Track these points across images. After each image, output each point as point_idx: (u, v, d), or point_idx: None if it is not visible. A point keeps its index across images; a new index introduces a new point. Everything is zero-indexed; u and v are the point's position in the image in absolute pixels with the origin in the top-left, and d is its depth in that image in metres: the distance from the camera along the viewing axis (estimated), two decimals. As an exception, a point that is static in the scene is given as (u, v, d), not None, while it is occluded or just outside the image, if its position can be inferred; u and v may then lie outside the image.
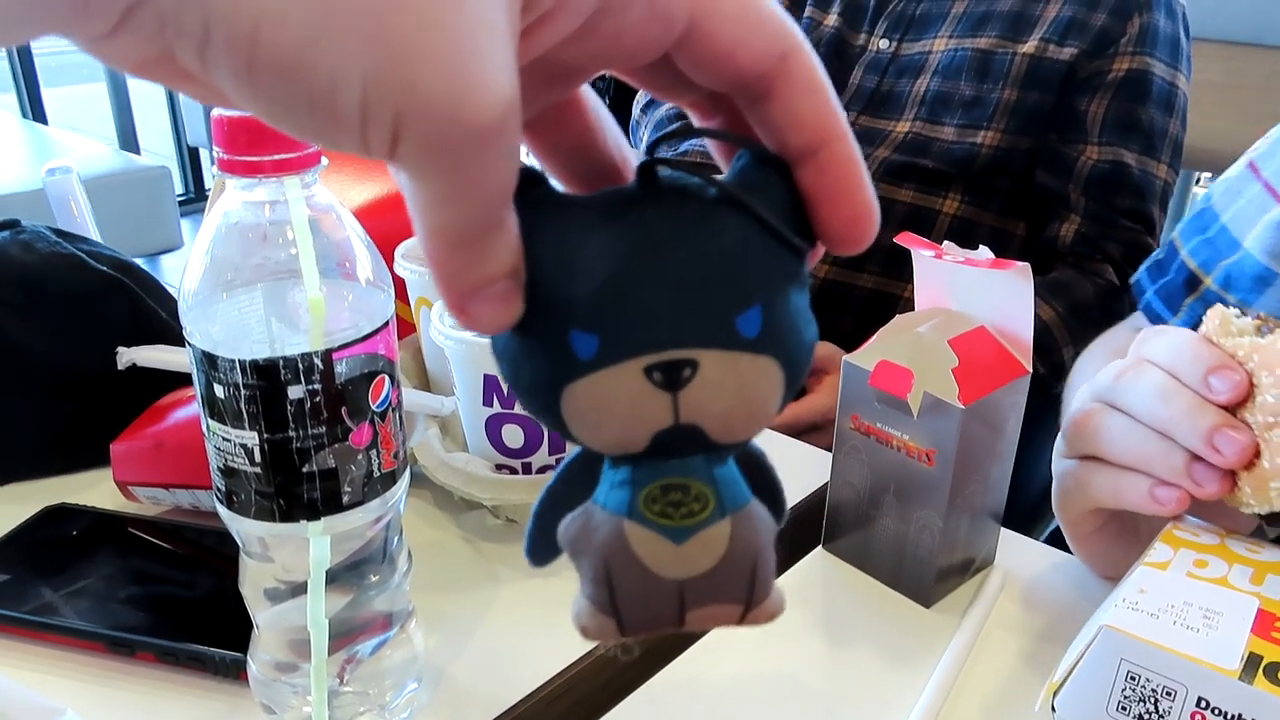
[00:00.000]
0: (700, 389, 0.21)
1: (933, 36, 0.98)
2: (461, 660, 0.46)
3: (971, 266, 0.48)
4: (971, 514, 0.50)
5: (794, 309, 0.22)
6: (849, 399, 0.51)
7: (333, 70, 0.16)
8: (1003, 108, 0.93)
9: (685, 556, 0.23)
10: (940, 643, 0.48)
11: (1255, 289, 0.60)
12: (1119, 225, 0.92)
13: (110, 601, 0.48)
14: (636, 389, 0.21)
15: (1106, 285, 0.91)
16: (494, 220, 0.19)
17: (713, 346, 0.21)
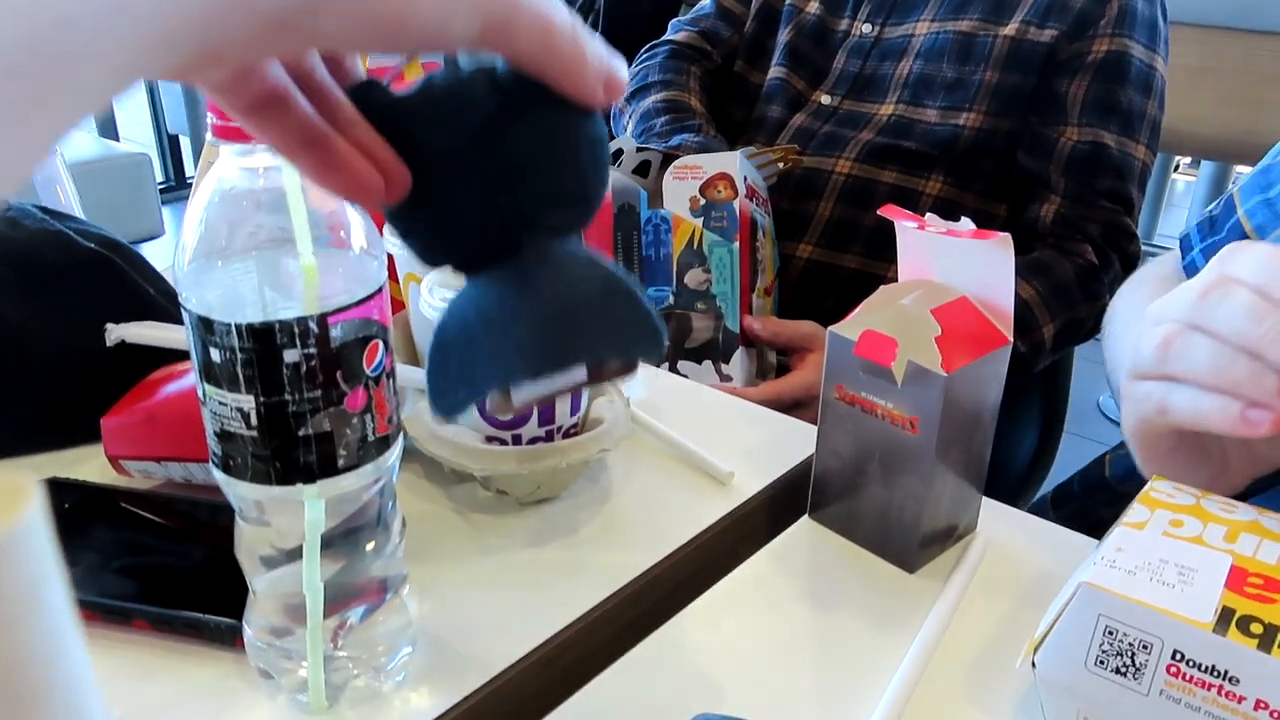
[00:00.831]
0: None
1: (915, 20, 0.99)
2: (455, 626, 0.47)
3: (953, 237, 0.49)
4: (954, 481, 0.51)
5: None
6: (834, 369, 0.51)
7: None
8: (984, 89, 0.93)
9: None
10: (924, 607, 0.49)
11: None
12: (1098, 205, 0.93)
13: (105, 572, 0.48)
14: None
15: (1086, 265, 0.92)
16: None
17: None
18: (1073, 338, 0.95)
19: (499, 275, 0.29)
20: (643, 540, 0.53)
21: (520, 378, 0.28)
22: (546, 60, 0.26)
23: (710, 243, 0.84)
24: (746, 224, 0.85)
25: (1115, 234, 0.92)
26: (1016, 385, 0.64)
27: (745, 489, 0.57)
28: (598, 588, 0.49)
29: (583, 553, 0.52)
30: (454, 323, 0.30)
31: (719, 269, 0.85)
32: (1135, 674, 0.38)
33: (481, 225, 0.29)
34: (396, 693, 0.43)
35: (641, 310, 0.30)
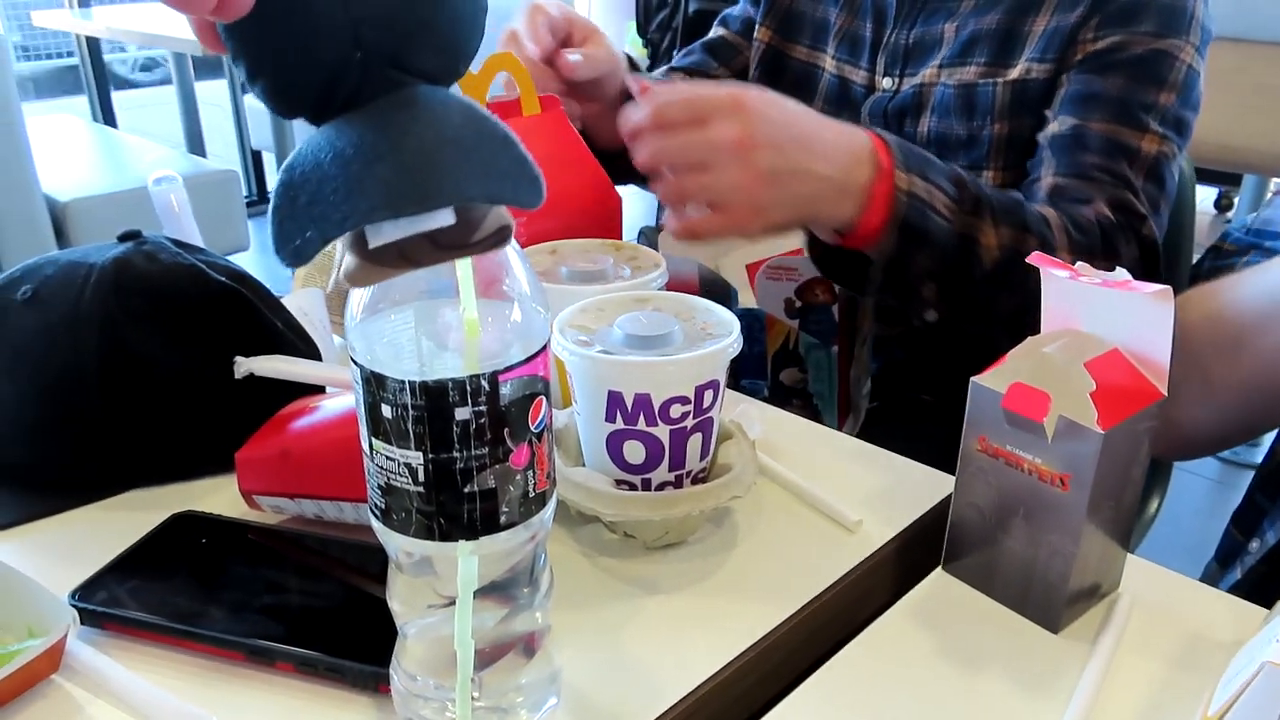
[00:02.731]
0: None
1: (926, 67, 0.89)
2: (593, 677, 0.46)
3: (1108, 288, 0.48)
4: (1103, 539, 0.49)
5: None
6: (977, 420, 0.50)
7: None
8: (997, 144, 0.85)
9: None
10: (1071, 669, 0.47)
11: None
12: (1094, 179, 0.78)
13: (245, 610, 0.49)
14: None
15: (1104, 219, 0.76)
16: None
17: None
18: None
19: (361, 116, 0.27)
20: (772, 590, 0.52)
21: (379, 215, 0.26)
22: None
23: (807, 345, 0.82)
24: (845, 327, 0.82)
25: (1122, 211, 0.77)
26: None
27: (874, 538, 0.56)
28: (730, 641, 0.48)
29: (713, 602, 0.51)
30: (305, 160, 0.27)
31: (816, 369, 0.83)
32: (1329, 762, 0.36)
33: (340, 58, 0.26)
34: (541, 746, 0.43)
35: (518, 155, 0.28)
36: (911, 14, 0.91)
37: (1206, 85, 0.84)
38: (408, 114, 0.26)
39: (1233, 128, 1.78)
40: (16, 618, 0.47)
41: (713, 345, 0.51)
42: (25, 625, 0.47)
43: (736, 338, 0.52)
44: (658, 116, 0.63)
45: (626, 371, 0.50)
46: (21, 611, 0.47)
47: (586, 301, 0.56)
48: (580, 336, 0.53)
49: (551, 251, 0.66)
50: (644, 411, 0.51)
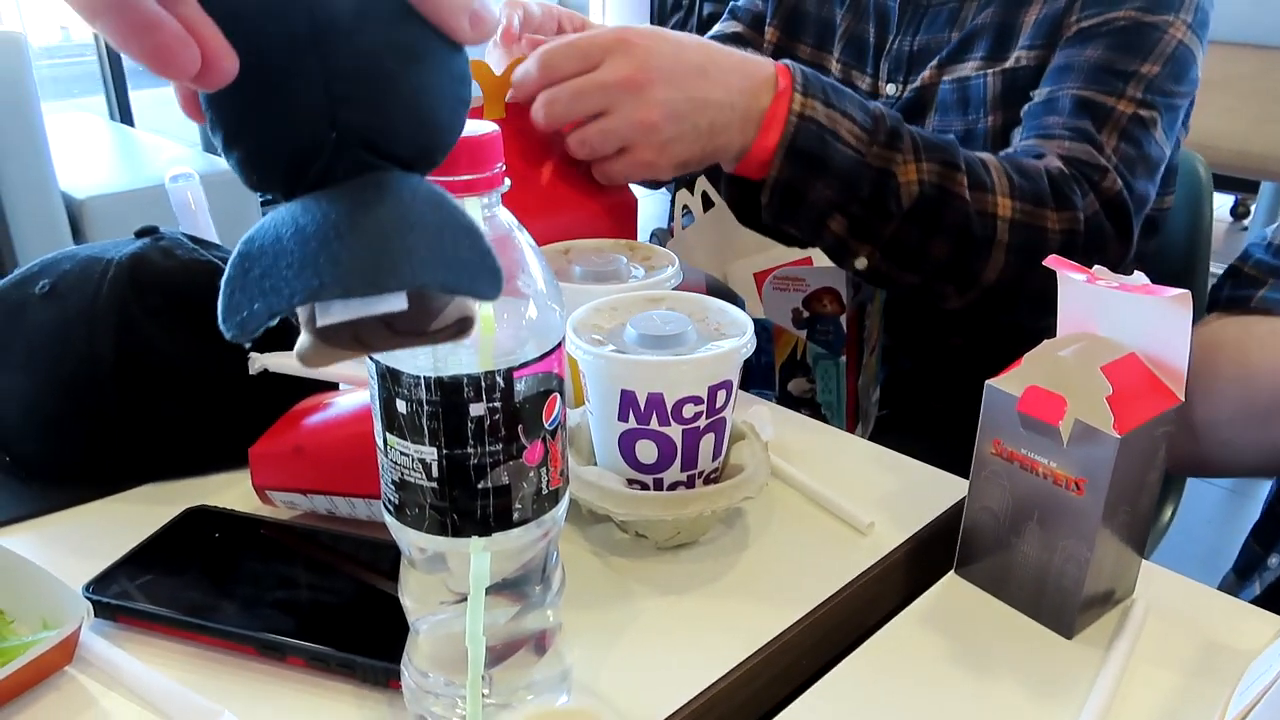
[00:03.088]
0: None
1: (926, 69, 0.89)
2: (603, 676, 0.46)
3: (1125, 292, 0.47)
4: (1118, 544, 0.49)
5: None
6: (991, 423, 0.50)
7: None
8: (992, 136, 0.84)
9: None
10: (1085, 675, 0.47)
11: None
12: (1055, 138, 0.76)
13: (258, 605, 0.49)
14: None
15: (1055, 170, 0.73)
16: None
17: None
18: (1034, 246, 0.71)
19: (328, 195, 0.26)
20: (783, 592, 0.52)
21: (329, 293, 0.25)
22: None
23: (815, 355, 0.81)
24: (854, 336, 0.82)
25: (1076, 163, 0.74)
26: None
27: (886, 540, 0.56)
28: (740, 642, 0.48)
29: (723, 604, 0.51)
30: (265, 233, 0.26)
31: (824, 379, 0.83)
32: (1347, 771, 0.36)
33: (315, 137, 0.26)
34: (551, 744, 0.43)
35: (481, 247, 0.27)
36: (915, 20, 0.90)
37: (1224, 91, 0.84)
38: (374, 195, 0.26)
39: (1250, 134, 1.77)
40: (31, 610, 0.47)
41: (726, 345, 0.51)
42: (40, 617, 0.47)
43: (750, 338, 0.52)
44: (545, 67, 0.62)
45: (640, 371, 0.50)
46: (36, 603, 0.47)
47: (600, 301, 0.56)
48: (594, 335, 0.53)
49: (565, 251, 0.66)
50: (657, 411, 0.50)
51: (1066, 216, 0.72)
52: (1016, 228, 0.71)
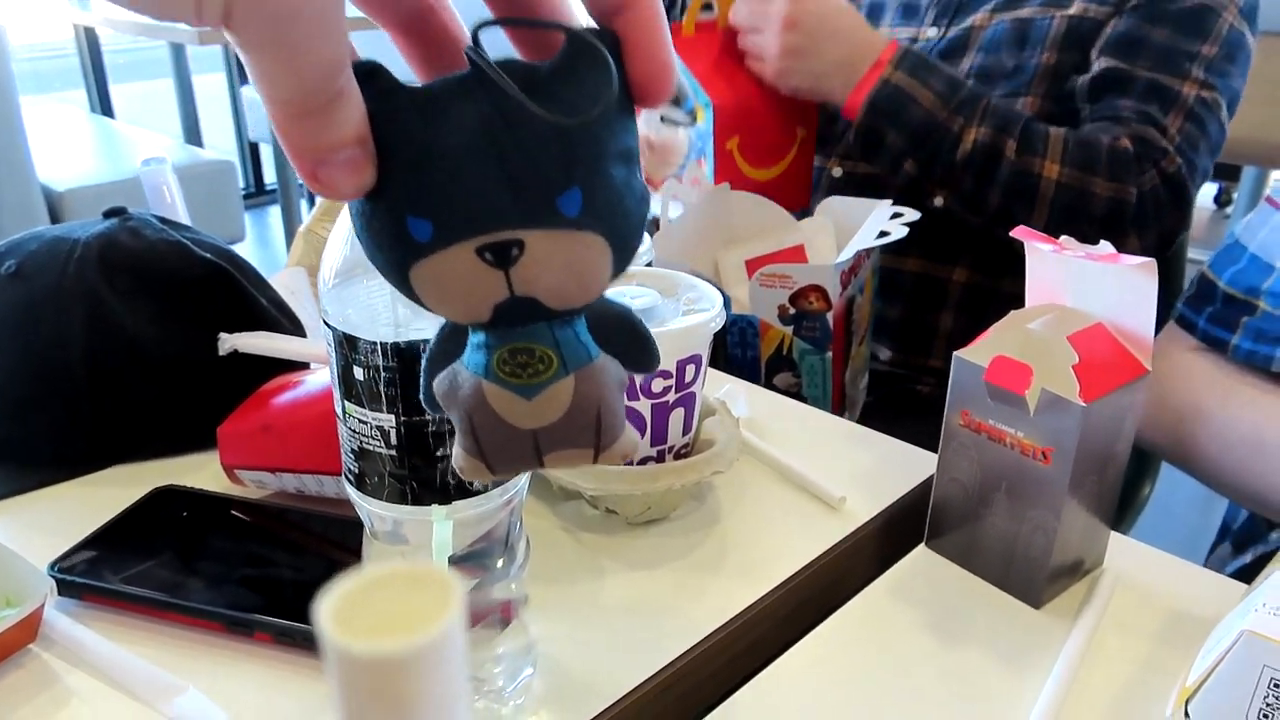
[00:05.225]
0: (530, 265, 0.23)
1: (976, 12, 0.98)
2: (572, 650, 0.46)
3: (1092, 261, 0.47)
4: (1085, 515, 0.49)
5: (616, 184, 0.24)
6: (960, 394, 0.50)
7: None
8: (1042, 72, 0.92)
9: (535, 410, 0.26)
10: (1052, 644, 0.47)
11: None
12: (1123, 120, 0.88)
13: (225, 582, 0.49)
14: (471, 268, 0.23)
15: (1119, 146, 0.85)
16: (330, 91, 0.21)
17: (537, 227, 0.23)
18: (1078, 206, 0.85)
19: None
20: (754, 566, 0.52)
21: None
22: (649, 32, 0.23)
23: (801, 350, 0.82)
24: (841, 332, 0.82)
25: (1142, 144, 0.85)
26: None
27: (858, 515, 0.56)
28: (711, 614, 0.48)
29: (695, 577, 0.51)
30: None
31: (810, 375, 0.83)
32: (1305, 730, 0.36)
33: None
34: (516, 716, 0.43)
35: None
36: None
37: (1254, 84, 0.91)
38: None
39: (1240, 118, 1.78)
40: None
41: (695, 319, 0.51)
42: (3, 595, 0.47)
43: (720, 312, 0.52)
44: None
45: (608, 345, 0.50)
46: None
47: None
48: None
49: None
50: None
51: (1116, 187, 0.85)
52: (1062, 188, 0.85)
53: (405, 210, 0.23)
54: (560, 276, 0.24)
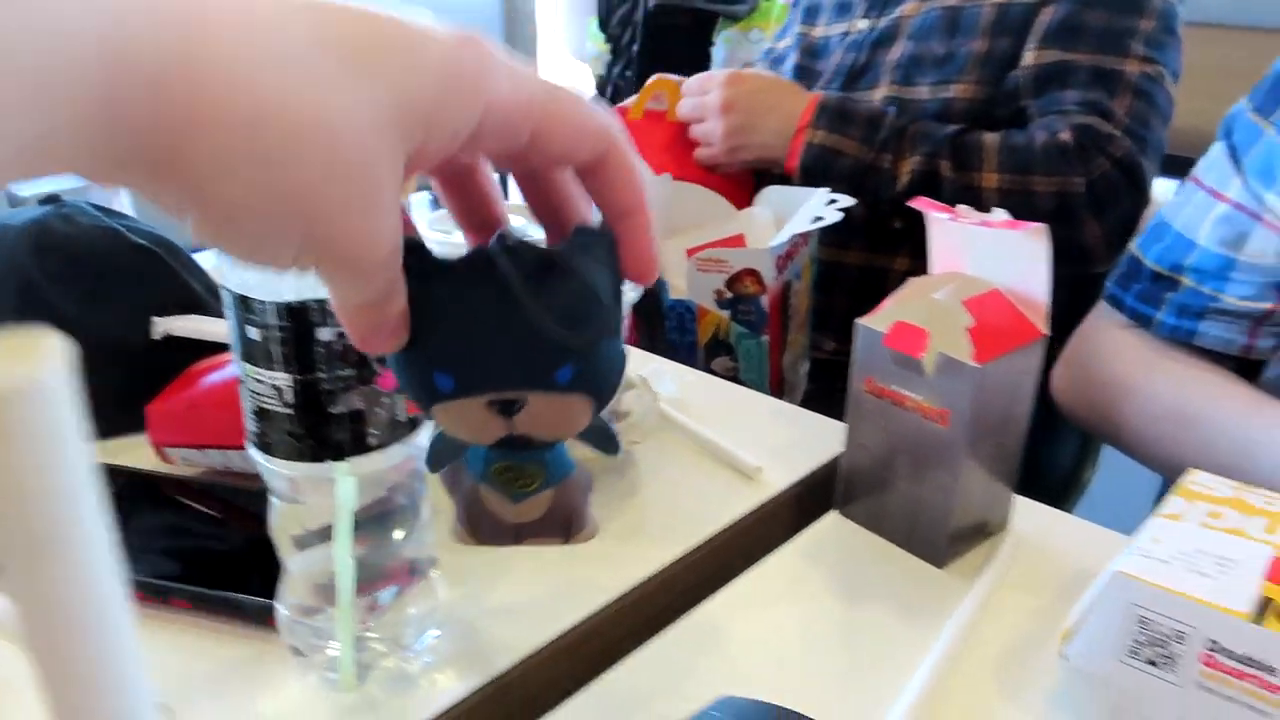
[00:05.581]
0: (527, 416, 0.30)
1: (905, 2, 1.01)
2: (483, 612, 0.47)
3: (985, 228, 0.49)
4: (985, 476, 0.51)
5: (602, 358, 0.30)
6: (864, 362, 0.51)
7: (279, 253, 0.24)
8: (973, 59, 0.94)
9: (519, 511, 0.34)
10: (954, 601, 0.48)
11: (1221, 275, 0.69)
12: (1067, 112, 0.90)
13: (146, 553, 0.49)
14: (482, 414, 0.30)
15: (1054, 141, 0.88)
16: (386, 293, 0.27)
17: (536, 390, 0.30)
18: (1023, 206, 0.87)
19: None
20: (670, 533, 0.53)
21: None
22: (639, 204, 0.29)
23: (738, 334, 0.83)
24: (777, 315, 0.84)
25: (1088, 134, 0.88)
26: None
27: (774, 484, 0.57)
28: (625, 577, 0.49)
29: (610, 544, 0.52)
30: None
31: (747, 359, 0.84)
32: (1169, 664, 0.37)
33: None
34: (424, 674, 0.44)
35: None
36: None
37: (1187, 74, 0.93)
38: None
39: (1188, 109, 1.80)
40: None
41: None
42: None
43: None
44: (686, 87, 0.97)
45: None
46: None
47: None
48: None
49: None
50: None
51: (1058, 181, 0.87)
52: (1005, 194, 0.88)
53: (433, 367, 0.30)
54: (551, 424, 0.31)
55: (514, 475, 0.34)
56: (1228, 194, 0.70)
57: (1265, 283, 0.68)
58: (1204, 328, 0.71)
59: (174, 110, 0.21)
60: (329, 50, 0.22)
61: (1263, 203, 0.68)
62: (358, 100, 0.22)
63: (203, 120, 0.21)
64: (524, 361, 0.29)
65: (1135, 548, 0.40)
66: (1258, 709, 0.36)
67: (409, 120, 0.23)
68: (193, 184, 0.22)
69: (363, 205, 0.23)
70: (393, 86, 0.23)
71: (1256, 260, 0.68)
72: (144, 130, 0.21)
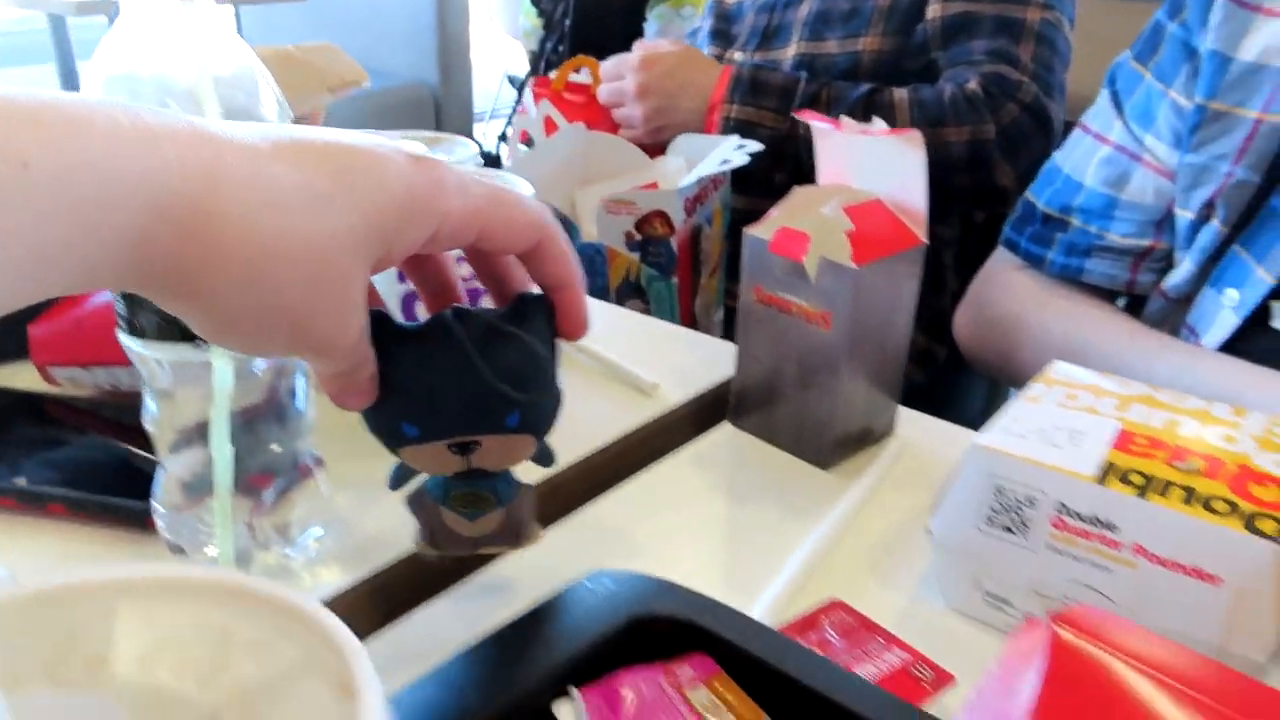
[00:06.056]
0: (482, 454, 0.36)
1: None
2: (370, 515, 0.47)
3: (865, 136, 0.50)
4: (868, 381, 0.52)
5: (543, 406, 0.37)
6: (752, 270, 0.52)
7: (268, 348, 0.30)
8: (879, 12, 0.98)
9: (476, 527, 0.39)
10: (837, 499, 0.50)
11: (1105, 215, 0.72)
12: (975, 62, 0.94)
13: (25, 463, 0.48)
14: (443, 455, 0.36)
15: (963, 91, 0.92)
16: (357, 366, 0.32)
17: (489, 434, 0.36)
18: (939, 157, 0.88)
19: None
20: (565, 443, 0.53)
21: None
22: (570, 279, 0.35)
23: (648, 276, 0.84)
24: (687, 258, 0.85)
25: (997, 82, 0.92)
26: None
27: (670, 400, 0.58)
28: (517, 483, 0.50)
29: (505, 454, 0.53)
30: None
31: (658, 301, 0.85)
32: (1023, 529, 0.39)
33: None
34: (307, 568, 0.44)
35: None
36: None
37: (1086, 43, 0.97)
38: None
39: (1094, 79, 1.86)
40: None
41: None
42: None
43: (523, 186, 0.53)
44: (603, 72, 1.01)
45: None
46: None
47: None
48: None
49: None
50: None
51: (970, 129, 0.91)
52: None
53: (401, 419, 0.35)
54: (501, 459, 0.37)
55: (470, 499, 0.38)
56: (1110, 137, 0.73)
57: (1145, 221, 0.72)
58: (1090, 265, 0.74)
59: (195, 250, 0.26)
60: (314, 189, 0.27)
61: (1142, 144, 0.71)
62: (336, 228, 0.27)
63: (217, 258, 0.26)
64: (478, 412, 0.35)
65: (995, 424, 0.41)
66: (1101, 565, 0.38)
67: (376, 238, 0.29)
68: (204, 302, 0.27)
69: (338, 309, 0.29)
70: (365, 214, 0.28)
71: (1137, 199, 0.71)
72: (169, 264, 0.26)
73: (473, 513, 0.38)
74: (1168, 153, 0.69)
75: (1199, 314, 0.68)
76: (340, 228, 0.27)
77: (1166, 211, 0.70)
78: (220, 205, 0.26)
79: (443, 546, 0.39)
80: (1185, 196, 0.68)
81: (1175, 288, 0.70)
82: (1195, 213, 0.67)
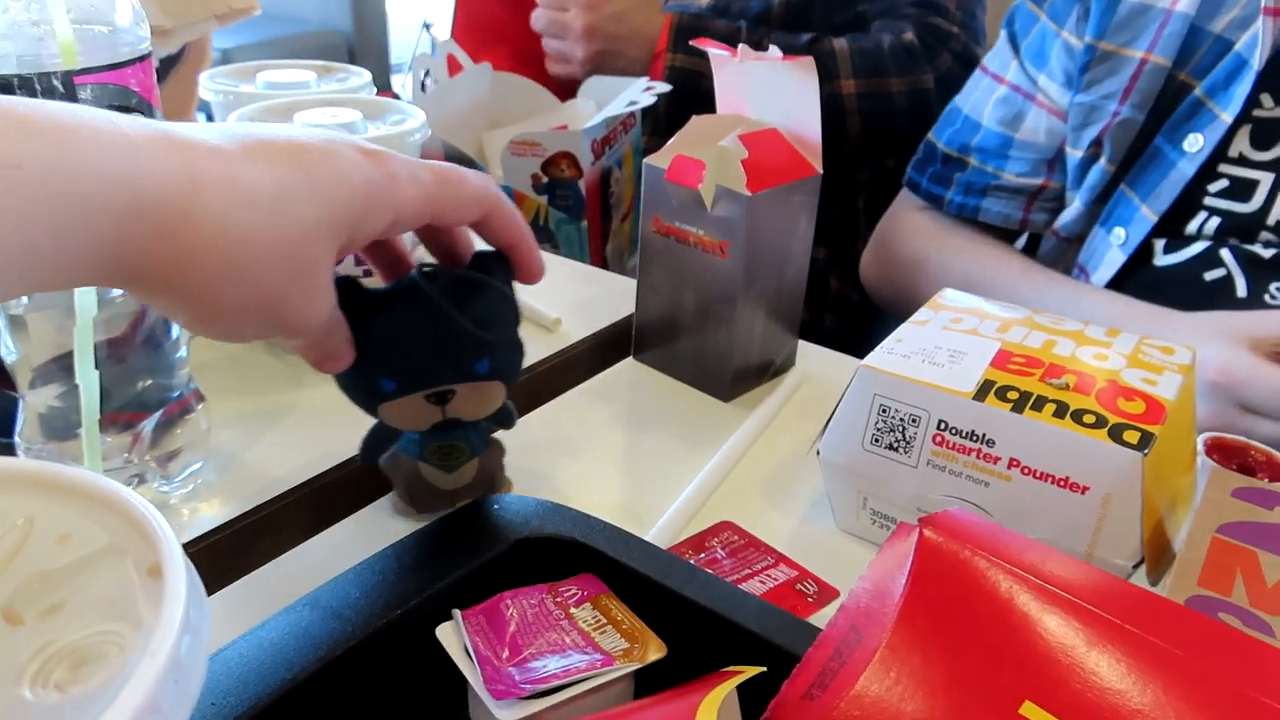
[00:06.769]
0: (457, 402, 0.38)
1: None
2: (255, 449, 0.46)
3: (759, 62, 0.50)
4: (766, 313, 0.52)
5: (510, 349, 0.39)
6: (650, 201, 0.52)
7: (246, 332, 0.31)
8: None
9: (453, 479, 0.41)
10: (734, 427, 0.50)
11: (1001, 154, 0.74)
12: (903, 15, 0.95)
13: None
14: (420, 406, 0.38)
15: (902, 41, 0.93)
16: (329, 334, 0.34)
17: (462, 382, 0.38)
18: (883, 108, 0.93)
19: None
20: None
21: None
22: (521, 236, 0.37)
23: (557, 220, 0.83)
24: (596, 201, 0.84)
25: (933, 32, 0.94)
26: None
27: (571, 335, 0.57)
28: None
29: (400, 389, 0.51)
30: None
31: (568, 245, 0.84)
32: (905, 448, 0.40)
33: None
34: (185, 503, 0.42)
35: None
36: None
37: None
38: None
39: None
40: None
41: (391, 130, 0.51)
42: None
43: (422, 124, 0.52)
44: (542, 3, 0.97)
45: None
46: None
47: (274, 101, 0.55)
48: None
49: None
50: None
51: (910, 79, 0.92)
52: (863, 98, 0.92)
53: (378, 375, 0.37)
54: (474, 407, 0.39)
55: (446, 451, 0.40)
56: (1006, 77, 0.74)
57: (1038, 160, 0.73)
58: (986, 204, 0.75)
59: (175, 248, 0.27)
60: (283, 186, 0.29)
61: (1036, 84, 0.72)
62: (305, 221, 0.30)
63: (196, 255, 0.28)
64: (450, 361, 0.37)
65: (881, 347, 0.42)
66: (979, 480, 0.38)
67: (341, 227, 0.31)
68: (185, 296, 0.29)
69: (310, 293, 0.31)
70: (332, 208, 0.30)
71: (1030, 139, 0.73)
72: (149, 261, 0.27)
73: (450, 464, 0.40)
74: (1059, 92, 0.70)
75: (1089, 253, 0.70)
76: (309, 220, 0.30)
77: (1058, 151, 0.72)
78: (198, 205, 0.27)
79: (422, 503, 0.41)
80: (1075, 136, 0.69)
81: (1066, 227, 0.72)
82: (1084, 151, 0.69)
